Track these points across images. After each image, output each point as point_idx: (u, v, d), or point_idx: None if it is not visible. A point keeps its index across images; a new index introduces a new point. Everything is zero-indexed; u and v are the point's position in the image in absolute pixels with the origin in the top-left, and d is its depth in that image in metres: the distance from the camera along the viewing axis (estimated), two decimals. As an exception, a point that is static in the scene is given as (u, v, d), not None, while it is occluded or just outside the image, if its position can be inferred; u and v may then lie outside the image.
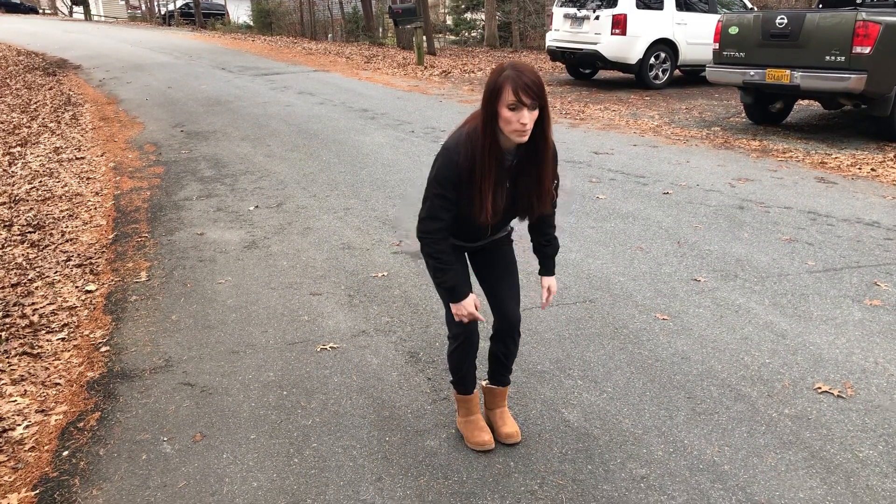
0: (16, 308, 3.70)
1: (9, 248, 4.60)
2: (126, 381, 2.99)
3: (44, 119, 9.39)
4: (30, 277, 4.12)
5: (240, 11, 33.11)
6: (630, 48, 11.27)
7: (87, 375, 3.04)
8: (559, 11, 12.16)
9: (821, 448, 2.49)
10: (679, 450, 2.49)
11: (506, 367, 2.54)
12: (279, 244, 4.58)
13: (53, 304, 3.75)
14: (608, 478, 2.36)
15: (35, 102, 10.80)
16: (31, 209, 5.43)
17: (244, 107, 9.87)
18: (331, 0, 26.37)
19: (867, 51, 6.61)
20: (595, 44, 11.43)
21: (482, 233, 2.36)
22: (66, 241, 4.72)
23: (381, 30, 25.29)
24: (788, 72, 7.17)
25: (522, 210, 2.29)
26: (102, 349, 3.26)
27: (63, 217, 5.25)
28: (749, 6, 12.12)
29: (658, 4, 11.34)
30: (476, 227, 2.27)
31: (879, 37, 6.55)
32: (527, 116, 2.03)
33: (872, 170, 6.24)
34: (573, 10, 11.81)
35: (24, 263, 4.34)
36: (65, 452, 2.53)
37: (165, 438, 2.60)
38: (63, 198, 5.74)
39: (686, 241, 4.51)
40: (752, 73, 7.57)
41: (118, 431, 2.65)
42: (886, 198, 5.43)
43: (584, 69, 12.93)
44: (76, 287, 3.98)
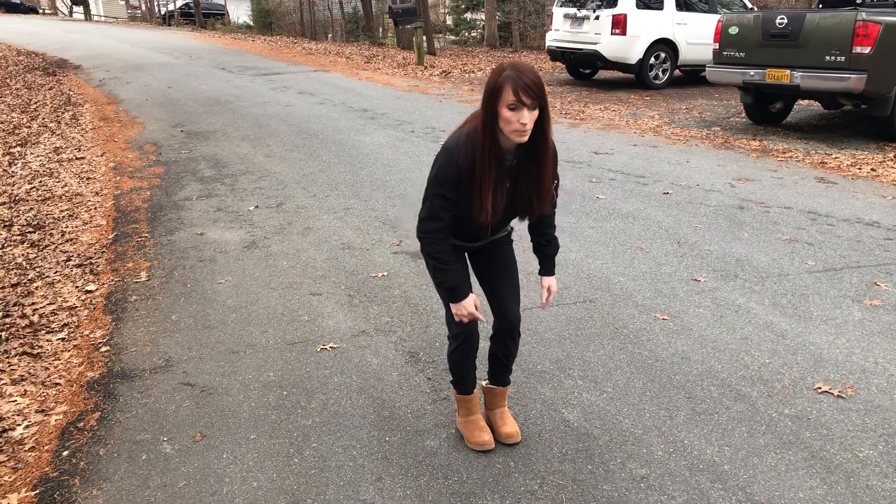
0: (16, 308, 3.71)
1: (9, 248, 4.60)
2: (126, 381, 2.99)
3: (44, 119, 9.39)
4: (30, 277, 4.12)
5: (240, 11, 33.11)
6: (630, 48, 11.27)
7: (87, 375, 3.04)
8: (559, 11, 12.16)
9: (821, 448, 2.49)
10: (679, 450, 2.49)
11: (506, 367, 2.54)
12: (279, 244, 4.59)
13: (53, 304, 3.75)
14: (608, 478, 2.36)
15: (35, 102, 10.79)
16: (31, 209, 5.43)
17: (244, 107, 9.87)
18: (331, 0, 26.38)
19: (867, 51, 6.61)
20: (595, 44, 11.44)
21: (482, 233, 2.36)
22: (66, 241, 4.72)
23: (381, 30, 25.30)
24: (788, 72, 7.17)
25: (522, 210, 2.29)
26: (102, 349, 3.26)
27: (63, 217, 5.25)
28: (749, 6, 12.12)
29: (658, 4, 11.34)
30: (476, 227, 2.27)
31: (879, 37, 6.56)
32: (527, 116, 2.03)
33: (872, 170, 6.24)
34: (573, 10, 11.81)
35: (24, 263, 4.35)
36: (65, 452, 2.53)
37: (165, 438, 2.60)
38: (63, 198, 5.74)
39: (686, 241, 4.51)
40: (752, 73, 7.58)
41: (118, 431, 2.65)
42: (886, 198, 5.43)
43: (584, 69, 12.93)
44: (76, 287, 3.98)
